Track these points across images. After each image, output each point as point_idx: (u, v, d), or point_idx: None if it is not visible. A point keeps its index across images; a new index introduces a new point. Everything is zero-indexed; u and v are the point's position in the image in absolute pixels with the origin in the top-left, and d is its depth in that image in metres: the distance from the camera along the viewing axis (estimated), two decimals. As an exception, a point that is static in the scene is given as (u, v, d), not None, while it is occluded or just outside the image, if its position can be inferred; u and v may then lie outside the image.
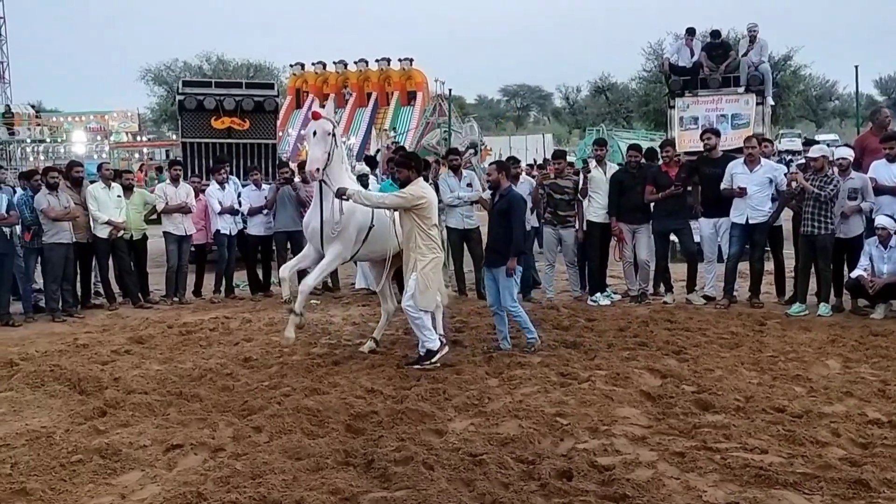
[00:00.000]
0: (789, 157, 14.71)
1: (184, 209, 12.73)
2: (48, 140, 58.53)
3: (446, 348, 8.37)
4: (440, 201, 12.13)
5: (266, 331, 10.20)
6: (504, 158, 13.77)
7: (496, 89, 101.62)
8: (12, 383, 8.05)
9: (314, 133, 8.22)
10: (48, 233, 11.44)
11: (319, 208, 8.34)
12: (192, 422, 6.67)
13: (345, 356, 8.81)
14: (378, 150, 34.62)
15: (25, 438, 6.33)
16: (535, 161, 32.95)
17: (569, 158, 15.95)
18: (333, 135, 8.32)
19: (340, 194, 8.07)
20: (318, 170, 8.13)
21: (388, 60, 59.05)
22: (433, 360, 8.14)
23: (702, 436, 5.99)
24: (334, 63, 60.15)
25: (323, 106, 8.50)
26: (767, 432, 6.04)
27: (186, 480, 5.42)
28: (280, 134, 31.98)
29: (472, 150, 26.72)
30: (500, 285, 8.89)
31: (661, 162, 11.67)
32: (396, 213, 8.55)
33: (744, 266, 11.45)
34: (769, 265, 11.68)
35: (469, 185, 12.19)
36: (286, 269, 8.65)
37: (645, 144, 14.20)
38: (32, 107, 63.71)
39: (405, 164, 8.50)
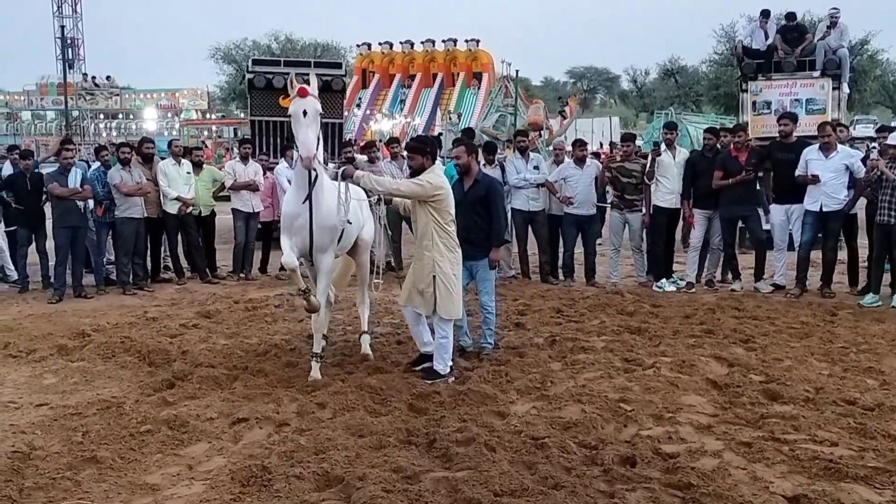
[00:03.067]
0: (872, 143, 14.19)
1: (252, 186, 12.88)
2: (121, 116, 59.81)
3: (452, 378, 7.19)
4: (505, 183, 12.15)
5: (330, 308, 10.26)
6: (571, 141, 13.64)
7: (563, 71, 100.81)
8: (84, 354, 8.29)
9: (304, 112, 6.91)
10: (120, 207, 11.68)
11: (308, 199, 7.09)
12: (257, 396, 6.78)
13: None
14: (441, 133, 34.56)
15: (97, 408, 6.51)
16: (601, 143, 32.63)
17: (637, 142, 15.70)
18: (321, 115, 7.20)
19: (347, 175, 7.11)
20: (314, 156, 6.94)
21: (455, 41, 59.06)
22: (431, 381, 7.08)
23: (769, 426, 5.89)
24: (401, 43, 60.30)
25: (307, 82, 7.12)
26: (837, 424, 5.92)
27: (251, 454, 5.51)
28: (346, 113, 32.13)
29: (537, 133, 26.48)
30: (479, 277, 8.13)
31: (731, 146, 11.42)
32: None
33: (815, 255, 11.20)
34: (842, 254, 11.42)
35: (536, 167, 12.12)
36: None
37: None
38: (107, 78, 65.08)
39: (419, 150, 7.35)
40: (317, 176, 7.08)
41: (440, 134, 32.17)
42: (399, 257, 12.99)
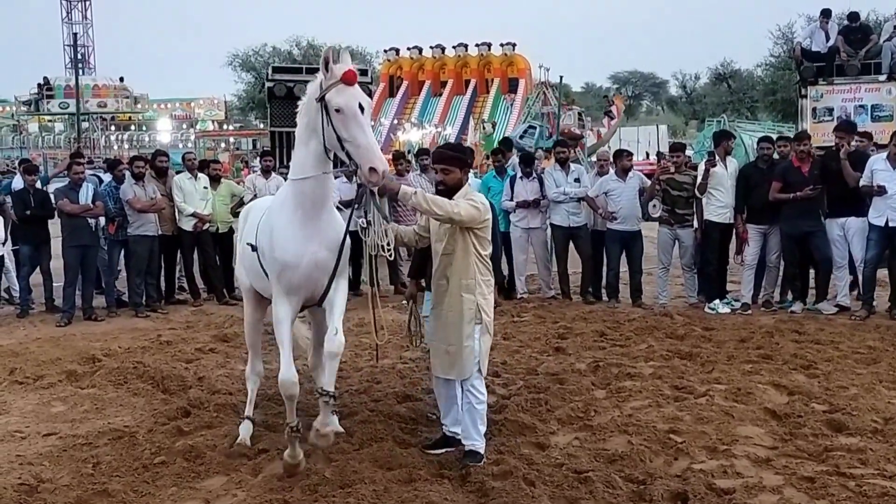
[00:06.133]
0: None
1: (271, 202, 12.93)
2: (134, 128, 60.58)
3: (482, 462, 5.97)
4: (544, 197, 12.17)
5: (356, 332, 10.28)
6: (613, 151, 13.65)
7: (605, 76, 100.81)
8: (95, 380, 8.38)
9: (361, 107, 5.50)
10: (133, 224, 11.81)
11: (347, 224, 5.92)
12: (278, 426, 6.79)
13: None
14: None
15: (108, 437, 6.58)
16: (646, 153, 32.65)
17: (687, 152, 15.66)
18: None
19: (389, 190, 5.73)
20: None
21: (489, 45, 59.20)
22: (479, 463, 5.90)
23: (834, 460, 5.83)
24: (431, 48, 60.56)
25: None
26: (909, 458, 5.84)
27: (272, 487, 5.54)
28: (372, 123, 32.34)
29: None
30: None
31: (793, 156, 11.31)
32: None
33: (882, 273, 11.08)
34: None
35: (577, 179, 12.13)
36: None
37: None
38: (121, 79, 65.95)
39: (457, 161, 6.19)
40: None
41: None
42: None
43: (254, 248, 6.12)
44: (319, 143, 5.63)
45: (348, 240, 5.93)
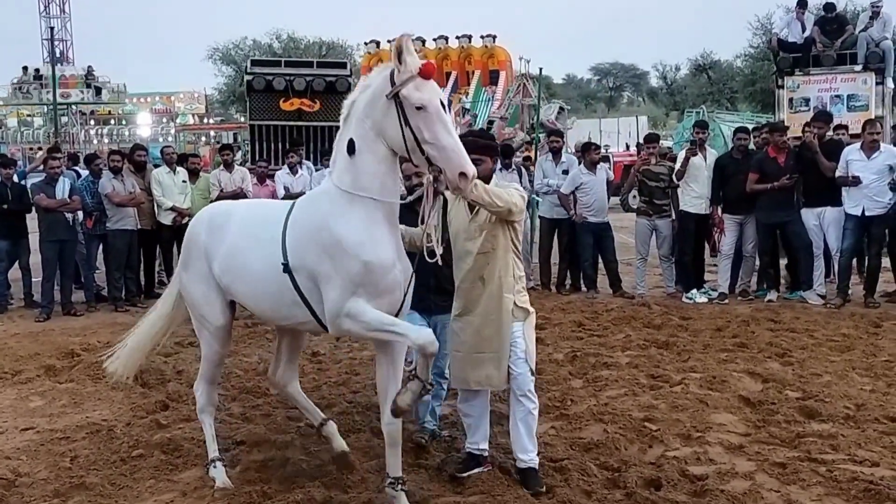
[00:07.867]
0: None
1: (239, 195, 12.78)
2: (113, 122, 60.16)
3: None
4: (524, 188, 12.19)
5: (335, 324, 10.29)
6: (582, 144, 13.68)
7: (586, 68, 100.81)
8: (73, 374, 8.38)
9: (446, 104, 4.80)
10: (112, 219, 11.79)
11: (429, 233, 4.85)
12: (256, 417, 6.85)
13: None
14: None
15: (86, 431, 6.59)
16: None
17: (666, 143, 15.74)
18: None
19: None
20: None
21: (470, 37, 58.98)
22: (538, 487, 5.35)
23: (806, 446, 5.91)
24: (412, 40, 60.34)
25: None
26: (879, 443, 5.93)
27: (250, 479, 5.55)
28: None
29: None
30: (445, 338, 5.91)
31: (769, 147, 11.38)
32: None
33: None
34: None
35: (565, 171, 12.17)
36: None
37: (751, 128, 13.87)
38: (90, 68, 65.24)
39: (490, 150, 5.70)
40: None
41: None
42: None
43: (286, 269, 5.01)
44: (388, 147, 4.81)
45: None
